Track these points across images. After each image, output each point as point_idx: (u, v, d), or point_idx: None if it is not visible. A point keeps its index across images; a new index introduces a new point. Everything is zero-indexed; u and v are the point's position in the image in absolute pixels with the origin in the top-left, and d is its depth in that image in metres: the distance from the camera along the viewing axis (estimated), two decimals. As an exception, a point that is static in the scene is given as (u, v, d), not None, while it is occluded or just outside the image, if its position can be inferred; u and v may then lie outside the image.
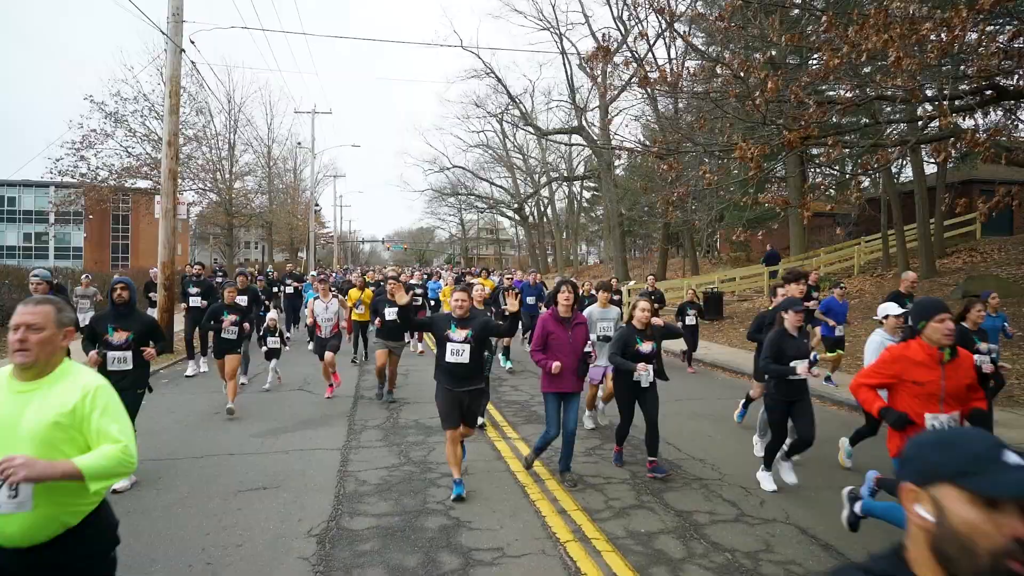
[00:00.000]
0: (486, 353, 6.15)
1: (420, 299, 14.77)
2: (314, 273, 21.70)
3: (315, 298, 9.97)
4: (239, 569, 4.11)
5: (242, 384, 9.97)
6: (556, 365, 5.49)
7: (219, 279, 15.74)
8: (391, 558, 4.25)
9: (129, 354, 5.67)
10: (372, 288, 12.58)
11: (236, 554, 4.31)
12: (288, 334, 13.57)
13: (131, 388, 5.52)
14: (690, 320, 12.14)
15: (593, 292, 9.91)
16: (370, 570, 4.10)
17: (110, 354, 5.63)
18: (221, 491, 5.49)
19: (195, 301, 10.90)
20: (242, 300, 9.91)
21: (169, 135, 12.44)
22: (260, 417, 8.16)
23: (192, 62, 15.68)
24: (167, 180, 12.42)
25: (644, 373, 5.72)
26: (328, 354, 9.28)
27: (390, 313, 8.96)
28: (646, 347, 5.91)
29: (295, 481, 5.75)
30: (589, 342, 6.01)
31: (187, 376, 11.01)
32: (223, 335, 8.39)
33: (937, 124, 12.07)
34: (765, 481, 5.67)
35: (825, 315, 10.09)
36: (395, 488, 5.59)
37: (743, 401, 8.08)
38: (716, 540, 4.54)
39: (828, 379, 10.00)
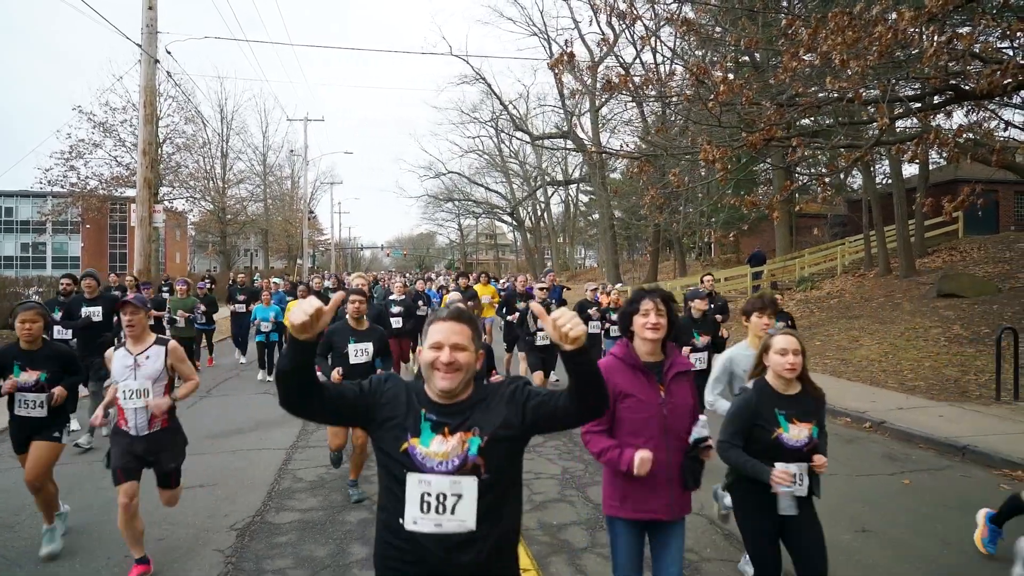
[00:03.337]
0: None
1: (400, 320, 9.39)
2: (277, 280, 15.60)
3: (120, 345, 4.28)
4: (155, 560, 4.26)
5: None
6: (642, 457, 2.67)
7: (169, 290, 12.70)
8: (303, 549, 4.41)
9: None
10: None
11: (156, 547, 4.46)
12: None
13: None
14: None
15: (690, 307, 6.15)
16: (279, 560, 4.26)
17: None
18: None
19: (61, 332, 7.34)
20: (93, 313, 7.31)
21: (144, 144, 12.67)
22: (218, 420, 8.31)
23: (169, 73, 15.90)
24: (142, 189, 12.65)
25: (790, 487, 2.90)
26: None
27: (356, 353, 5.32)
28: (799, 434, 3.00)
29: (232, 479, 5.90)
30: (701, 420, 2.86)
31: (77, 447, 6.68)
32: (17, 411, 4.41)
33: (913, 124, 12.18)
34: None
35: None
36: (328, 485, 5.75)
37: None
38: (623, 531, 4.68)
39: None
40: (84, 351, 7.11)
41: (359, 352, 5.29)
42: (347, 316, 5.43)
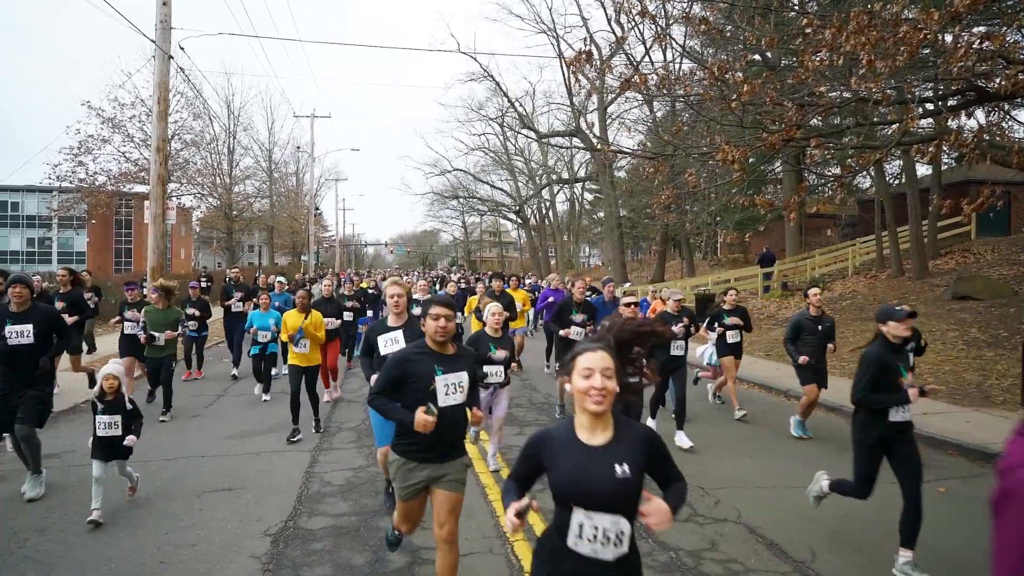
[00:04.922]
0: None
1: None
2: (281, 279, 11.92)
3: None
4: (190, 567, 4.21)
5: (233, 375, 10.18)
6: None
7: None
8: (340, 556, 4.34)
9: None
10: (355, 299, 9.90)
11: (190, 553, 4.41)
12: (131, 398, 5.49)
13: None
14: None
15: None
16: (318, 568, 4.19)
17: None
18: (186, 492, 5.59)
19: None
20: (15, 332, 5.31)
21: (158, 141, 12.58)
22: (236, 420, 8.26)
23: (181, 68, 15.82)
24: (156, 186, 12.57)
25: None
26: None
27: (448, 389, 3.39)
28: None
29: (260, 482, 5.84)
30: None
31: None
32: None
33: (928, 124, 12.05)
34: None
35: None
36: (358, 489, 5.68)
37: None
38: (663, 540, 4.60)
39: None
40: (12, 384, 5.36)
41: (451, 388, 3.40)
42: (426, 339, 3.47)
